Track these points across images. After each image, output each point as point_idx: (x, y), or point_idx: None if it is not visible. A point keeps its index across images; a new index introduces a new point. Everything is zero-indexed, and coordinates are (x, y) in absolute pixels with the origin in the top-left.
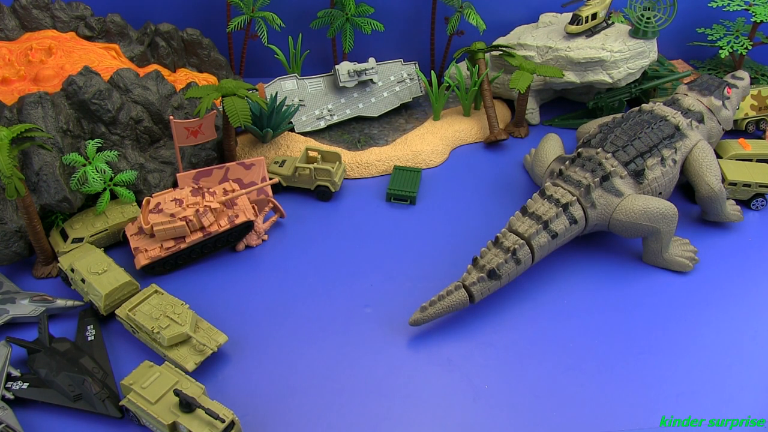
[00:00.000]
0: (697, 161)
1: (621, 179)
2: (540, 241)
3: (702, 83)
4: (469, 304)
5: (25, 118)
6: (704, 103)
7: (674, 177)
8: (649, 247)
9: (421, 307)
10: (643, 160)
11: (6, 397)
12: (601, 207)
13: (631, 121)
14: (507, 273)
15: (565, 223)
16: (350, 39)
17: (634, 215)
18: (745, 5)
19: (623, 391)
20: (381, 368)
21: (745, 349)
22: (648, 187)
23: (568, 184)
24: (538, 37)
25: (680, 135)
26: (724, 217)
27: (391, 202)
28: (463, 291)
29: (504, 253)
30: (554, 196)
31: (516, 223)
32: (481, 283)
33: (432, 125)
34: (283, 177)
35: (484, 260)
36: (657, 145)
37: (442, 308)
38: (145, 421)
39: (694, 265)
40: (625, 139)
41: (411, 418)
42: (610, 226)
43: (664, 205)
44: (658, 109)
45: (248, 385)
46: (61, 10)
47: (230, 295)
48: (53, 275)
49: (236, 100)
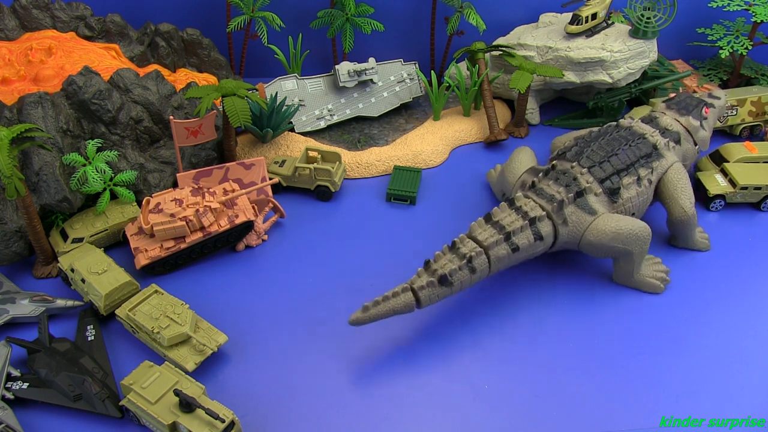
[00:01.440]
0: (672, 183)
1: (595, 196)
2: (498, 253)
3: (680, 102)
4: (416, 308)
5: (25, 118)
6: (682, 122)
7: (648, 198)
8: (620, 267)
9: (364, 306)
10: (620, 179)
11: (6, 397)
12: (572, 224)
13: (609, 137)
14: (460, 280)
15: (529, 238)
16: (350, 39)
17: (607, 237)
18: (745, 5)
19: (623, 391)
20: (381, 368)
21: (745, 349)
22: (622, 207)
23: (540, 197)
24: (538, 37)
25: (657, 155)
26: (692, 243)
27: (391, 202)
28: (410, 294)
29: (459, 259)
30: (523, 208)
31: (477, 230)
32: (430, 288)
33: (432, 125)
34: (283, 177)
35: (437, 264)
36: (634, 164)
37: (385, 309)
38: (145, 421)
39: (665, 286)
40: (602, 155)
41: (411, 418)
42: (581, 245)
43: (638, 225)
44: (637, 126)
45: (248, 385)
46: (61, 10)
47: (230, 295)
48: (53, 275)
49: (236, 100)
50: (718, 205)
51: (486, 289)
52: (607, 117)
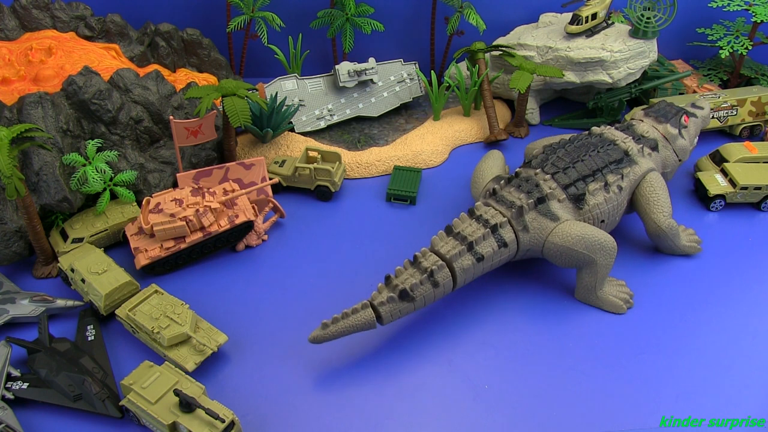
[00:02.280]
0: (645, 196)
1: (558, 203)
2: (463, 264)
3: (659, 109)
4: (378, 325)
5: (25, 118)
6: (660, 130)
7: (619, 205)
8: (582, 281)
9: (323, 323)
10: (585, 184)
11: (6, 397)
12: (534, 231)
13: (577, 143)
14: (422, 295)
15: (493, 246)
16: (350, 39)
17: (571, 240)
18: (745, 5)
19: (623, 391)
20: (381, 368)
21: (744, 349)
22: (589, 214)
23: (500, 204)
24: (538, 37)
25: (629, 161)
26: (679, 250)
27: (391, 202)
28: (370, 311)
29: (420, 273)
30: (483, 216)
31: (438, 243)
32: (390, 304)
33: (432, 125)
34: (283, 177)
35: (398, 279)
36: (602, 170)
37: (345, 327)
38: (145, 421)
39: (627, 308)
40: (567, 161)
41: (411, 417)
42: (544, 250)
43: (604, 236)
44: (609, 132)
45: (248, 385)
46: (61, 10)
47: (230, 295)
48: (53, 275)
49: (236, 100)
50: (718, 205)
51: (486, 289)
52: (607, 117)
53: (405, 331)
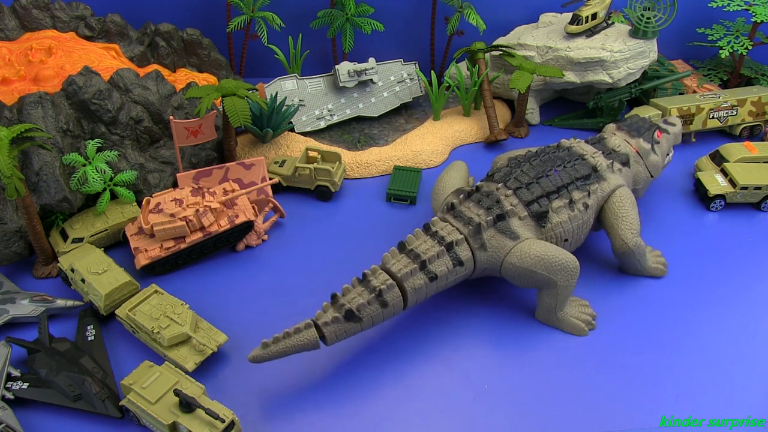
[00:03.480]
0: (613, 212)
1: (519, 220)
2: (415, 284)
3: (631, 124)
4: (322, 345)
5: (25, 118)
6: (632, 144)
7: (585, 223)
8: (543, 301)
9: (263, 343)
10: (549, 201)
11: (6, 397)
12: (492, 249)
13: (543, 157)
14: (370, 315)
15: (447, 264)
16: (350, 39)
17: (530, 260)
18: (745, 5)
19: (623, 391)
20: (381, 368)
21: (744, 349)
22: (552, 232)
23: (457, 220)
24: (538, 37)
25: (597, 177)
26: (644, 271)
27: (391, 202)
28: (313, 331)
29: (369, 292)
30: (439, 233)
31: (389, 261)
32: (335, 324)
33: (432, 125)
34: (283, 177)
35: (345, 299)
36: (567, 186)
37: (287, 347)
38: (145, 421)
39: (589, 330)
40: (531, 176)
41: (411, 418)
42: (502, 270)
43: (565, 256)
44: (577, 146)
45: (248, 385)
46: (61, 10)
47: (230, 295)
48: (53, 275)
49: (236, 100)
50: (718, 205)
51: (486, 289)
52: (607, 117)
53: (405, 330)
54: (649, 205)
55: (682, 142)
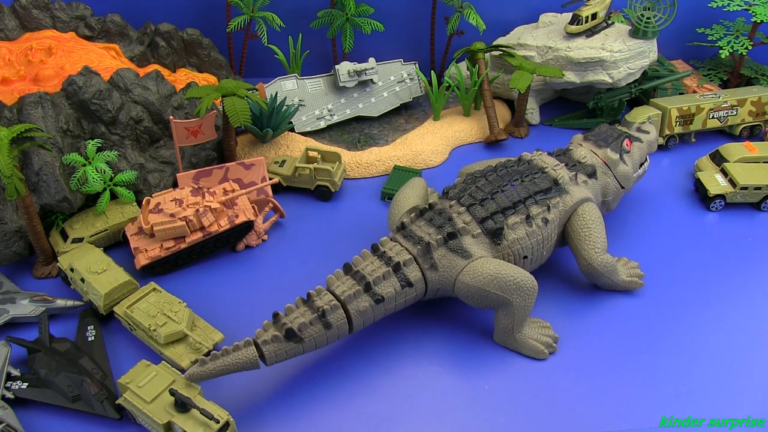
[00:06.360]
0: (576, 231)
1: (473, 238)
2: (359, 306)
3: (599, 134)
4: (262, 365)
5: (25, 118)
6: (599, 155)
7: (546, 239)
8: (499, 323)
9: (200, 360)
10: (504, 217)
11: (6, 396)
12: (443, 269)
13: (501, 171)
14: (312, 336)
15: (395, 286)
16: (350, 39)
17: (482, 280)
18: (745, 5)
19: (623, 391)
20: (380, 368)
21: (745, 349)
22: (508, 250)
23: (407, 240)
24: (538, 37)
25: (558, 190)
26: (618, 287)
27: (387, 202)
28: (253, 349)
29: (312, 312)
30: (387, 254)
31: (334, 282)
32: (275, 343)
33: (432, 125)
34: (283, 177)
35: (287, 318)
36: (525, 201)
37: (225, 365)
38: (141, 420)
39: (550, 353)
40: (486, 192)
41: (411, 418)
42: (455, 290)
43: (521, 275)
44: (539, 159)
45: (245, 386)
46: (61, 10)
47: (230, 294)
48: (53, 275)
49: (236, 100)
50: (718, 205)
51: None
52: (607, 117)
53: (404, 330)
54: (648, 206)
55: (681, 142)
